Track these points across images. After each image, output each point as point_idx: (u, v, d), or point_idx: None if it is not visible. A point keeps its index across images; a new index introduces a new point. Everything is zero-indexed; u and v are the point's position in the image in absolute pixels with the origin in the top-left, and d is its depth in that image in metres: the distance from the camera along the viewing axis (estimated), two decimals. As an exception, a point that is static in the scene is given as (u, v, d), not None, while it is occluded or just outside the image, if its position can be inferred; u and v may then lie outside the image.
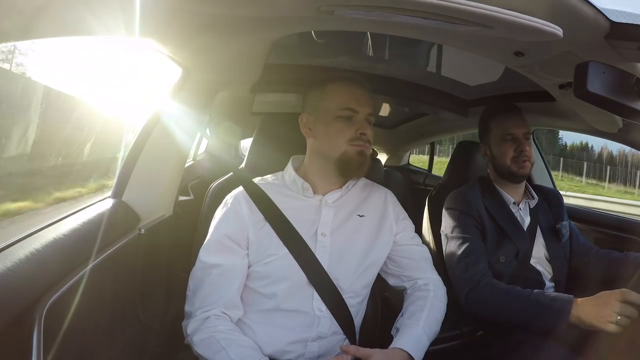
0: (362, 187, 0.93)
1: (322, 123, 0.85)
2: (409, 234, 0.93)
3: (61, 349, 0.58)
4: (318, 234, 0.83)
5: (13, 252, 0.55)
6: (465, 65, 1.34)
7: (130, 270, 0.85)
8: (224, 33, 0.77)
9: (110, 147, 2.02)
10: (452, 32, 0.74)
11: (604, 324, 0.79)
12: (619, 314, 0.78)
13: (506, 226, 1.08)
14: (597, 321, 0.80)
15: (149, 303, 0.93)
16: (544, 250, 1.11)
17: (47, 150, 1.90)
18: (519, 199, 1.15)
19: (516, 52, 0.81)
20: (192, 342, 0.75)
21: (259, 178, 0.91)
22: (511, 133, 1.10)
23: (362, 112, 0.84)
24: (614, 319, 0.78)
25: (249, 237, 0.81)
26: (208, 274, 0.79)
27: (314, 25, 0.85)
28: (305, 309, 0.80)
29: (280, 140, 1.03)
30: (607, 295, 0.82)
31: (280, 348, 0.79)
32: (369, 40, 1.16)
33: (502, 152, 1.11)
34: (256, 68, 1.09)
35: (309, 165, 0.89)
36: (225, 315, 0.78)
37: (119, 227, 0.85)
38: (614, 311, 0.78)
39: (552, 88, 0.99)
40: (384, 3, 0.62)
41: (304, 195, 0.86)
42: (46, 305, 0.54)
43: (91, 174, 2.23)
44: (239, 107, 1.89)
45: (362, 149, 0.83)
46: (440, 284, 0.91)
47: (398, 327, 0.81)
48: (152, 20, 0.62)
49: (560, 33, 0.63)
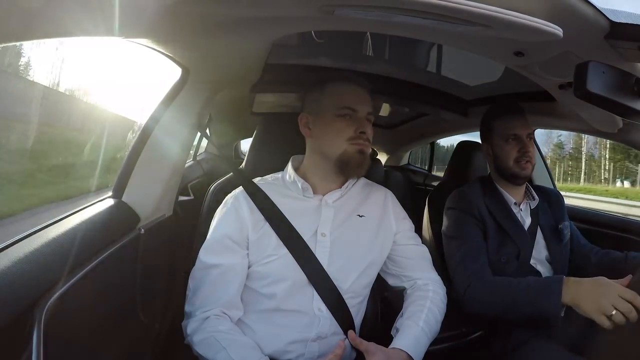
0: (361, 187, 0.93)
1: (321, 122, 0.85)
2: (409, 233, 0.93)
3: (61, 348, 0.58)
4: (318, 234, 0.83)
5: (13, 252, 0.55)
6: (465, 65, 1.35)
7: (130, 270, 0.85)
8: (224, 33, 0.77)
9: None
10: (452, 32, 0.73)
11: (598, 315, 0.76)
12: (616, 307, 0.75)
13: (507, 226, 1.08)
14: (592, 310, 0.77)
15: (149, 303, 0.93)
16: (544, 251, 1.11)
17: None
18: (520, 199, 1.15)
19: (516, 52, 0.81)
20: (192, 342, 0.75)
21: (259, 178, 0.91)
22: (515, 133, 1.09)
23: (362, 111, 0.84)
24: (610, 312, 0.75)
25: (249, 237, 0.81)
26: (208, 274, 0.79)
27: (314, 25, 0.85)
28: (305, 309, 0.80)
29: (280, 140, 1.03)
30: (607, 285, 0.79)
31: (281, 348, 0.79)
32: (369, 40, 1.16)
33: (505, 152, 1.10)
34: (256, 68, 1.09)
35: (309, 165, 0.89)
36: (225, 315, 0.78)
37: (119, 227, 0.85)
38: (612, 303, 0.75)
39: (552, 88, 0.98)
40: (384, 3, 0.62)
41: (304, 195, 0.86)
42: (46, 305, 0.54)
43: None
44: (239, 107, 1.89)
45: (362, 148, 0.83)
46: (440, 283, 0.91)
47: (398, 327, 0.81)
48: (152, 20, 0.62)
49: (560, 33, 0.63)
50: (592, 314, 0.77)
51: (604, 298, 0.76)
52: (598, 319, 0.76)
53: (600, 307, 0.76)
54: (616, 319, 0.74)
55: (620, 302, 0.75)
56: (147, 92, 1.07)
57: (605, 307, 0.75)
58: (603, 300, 0.76)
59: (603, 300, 0.76)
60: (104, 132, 1.51)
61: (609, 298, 0.76)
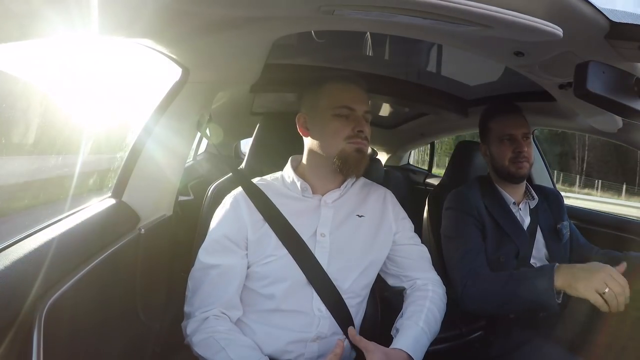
0: (361, 186, 0.93)
1: (319, 122, 0.85)
2: (408, 233, 0.93)
3: (61, 348, 0.58)
4: (317, 234, 0.83)
5: (13, 252, 0.55)
6: (465, 65, 1.34)
7: (130, 270, 0.85)
8: (224, 33, 0.77)
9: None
10: (452, 32, 0.74)
11: (592, 293, 0.77)
12: (608, 285, 0.77)
13: (506, 226, 1.08)
14: (585, 288, 0.78)
15: (149, 303, 0.93)
16: (544, 250, 1.11)
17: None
18: (519, 199, 1.15)
19: (516, 52, 0.81)
20: (192, 342, 0.75)
21: (258, 178, 0.91)
22: (510, 133, 1.10)
23: (359, 110, 0.84)
24: (602, 290, 0.76)
25: (248, 237, 0.81)
26: (207, 274, 0.79)
27: (314, 25, 0.85)
28: (305, 309, 0.80)
29: (280, 140, 1.03)
30: (600, 265, 0.81)
31: (280, 348, 0.79)
32: (369, 40, 1.16)
33: (500, 152, 1.11)
34: (256, 68, 1.09)
35: (307, 165, 0.89)
36: (224, 316, 0.78)
37: (119, 227, 0.85)
38: (604, 281, 0.77)
39: (552, 88, 0.98)
40: (384, 3, 0.62)
41: (303, 195, 0.86)
42: (46, 305, 0.54)
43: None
44: (239, 107, 1.89)
45: (360, 146, 0.83)
46: (439, 283, 0.91)
47: (398, 328, 0.81)
48: (152, 20, 0.62)
49: (560, 33, 0.63)
50: (586, 292, 0.78)
51: (597, 275, 0.78)
52: (592, 297, 0.77)
53: (594, 284, 0.78)
54: (608, 298, 0.76)
55: (613, 280, 0.77)
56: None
57: (598, 285, 0.77)
58: (595, 277, 0.78)
59: (595, 278, 0.78)
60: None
61: (602, 275, 0.78)
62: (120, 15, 0.55)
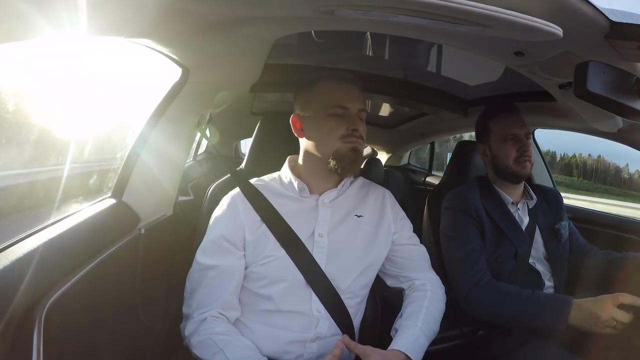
0: (359, 186, 0.93)
1: (313, 122, 0.85)
2: (407, 233, 0.92)
3: (61, 349, 0.58)
4: (315, 235, 0.82)
5: (13, 252, 0.55)
6: (465, 65, 1.34)
7: (130, 270, 0.85)
8: (224, 33, 0.77)
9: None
10: (452, 32, 0.74)
11: (602, 329, 0.83)
12: (616, 319, 0.82)
13: (504, 226, 1.08)
14: (597, 328, 0.84)
15: (149, 303, 0.93)
16: (542, 250, 1.11)
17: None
18: (517, 199, 1.15)
19: (516, 52, 0.81)
20: (190, 344, 0.75)
21: (256, 179, 0.90)
22: (513, 133, 1.09)
23: (353, 109, 0.84)
24: (612, 325, 0.82)
25: (246, 238, 0.81)
26: (204, 275, 0.79)
27: (314, 25, 0.85)
28: (304, 309, 0.80)
29: (280, 140, 1.03)
30: (604, 300, 0.85)
31: (279, 348, 0.78)
32: (369, 40, 1.16)
33: (504, 152, 1.10)
34: (256, 68, 1.09)
35: (303, 165, 0.89)
36: (222, 316, 0.77)
37: (119, 227, 0.85)
38: (611, 316, 0.82)
39: (552, 88, 0.98)
40: (384, 3, 0.62)
41: (301, 195, 0.86)
42: (46, 305, 0.54)
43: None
44: (239, 107, 1.89)
45: (355, 145, 0.82)
46: (438, 283, 0.91)
47: (397, 328, 0.81)
48: (152, 20, 0.62)
49: (560, 33, 0.63)
50: (597, 330, 0.84)
51: (603, 313, 0.83)
52: (603, 332, 0.84)
53: (602, 322, 0.83)
54: (619, 327, 0.83)
55: (619, 312, 0.82)
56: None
57: (607, 322, 0.83)
58: (602, 316, 0.83)
59: (603, 317, 0.83)
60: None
61: (607, 313, 0.83)
62: (120, 15, 0.55)
